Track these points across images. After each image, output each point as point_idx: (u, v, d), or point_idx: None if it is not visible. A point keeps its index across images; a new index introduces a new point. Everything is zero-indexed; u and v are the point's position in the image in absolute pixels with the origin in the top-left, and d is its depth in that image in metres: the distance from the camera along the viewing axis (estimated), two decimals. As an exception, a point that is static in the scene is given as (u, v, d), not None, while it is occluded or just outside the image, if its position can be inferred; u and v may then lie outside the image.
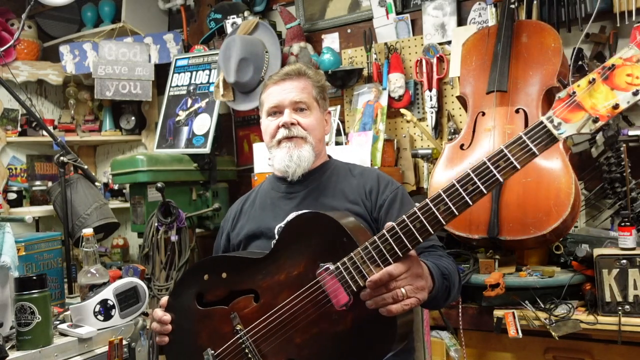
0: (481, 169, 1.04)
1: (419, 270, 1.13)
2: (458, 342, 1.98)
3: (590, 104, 1.00)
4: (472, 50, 2.19)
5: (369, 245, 1.12)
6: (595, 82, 1.00)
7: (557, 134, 1.01)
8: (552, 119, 1.02)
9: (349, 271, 1.14)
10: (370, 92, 2.67)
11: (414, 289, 1.11)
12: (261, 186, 1.71)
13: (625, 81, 0.98)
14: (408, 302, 1.09)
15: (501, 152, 1.03)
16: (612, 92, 0.99)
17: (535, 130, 1.02)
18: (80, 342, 1.69)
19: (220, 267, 1.37)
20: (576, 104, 1.01)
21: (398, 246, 1.09)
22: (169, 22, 3.52)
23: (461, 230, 1.96)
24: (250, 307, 1.29)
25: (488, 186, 1.03)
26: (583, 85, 1.01)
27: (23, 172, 3.33)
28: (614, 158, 2.04)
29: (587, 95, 1.00)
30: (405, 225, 1.09)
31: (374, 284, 1.08)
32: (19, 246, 1.90)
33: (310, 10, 2.97)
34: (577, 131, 1.00)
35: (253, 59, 2.68)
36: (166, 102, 3.09)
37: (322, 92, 1.62)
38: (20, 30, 2.81)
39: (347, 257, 1.14)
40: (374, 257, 1.11)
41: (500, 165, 1.03)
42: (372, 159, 2.45)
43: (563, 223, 1.80)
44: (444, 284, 1.28)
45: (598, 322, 1.71)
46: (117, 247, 3.32)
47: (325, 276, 1.17)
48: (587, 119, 1.00)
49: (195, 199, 2.90)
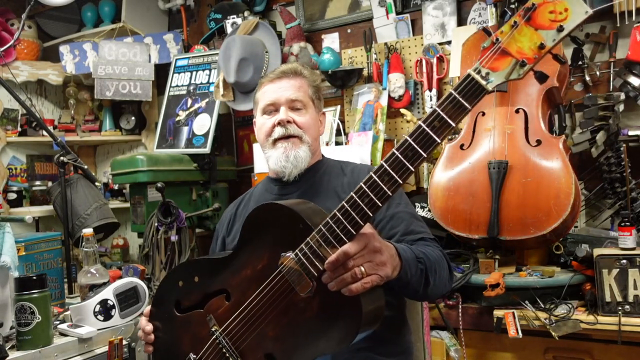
0: (418, 133, 1.02)
1: (377, 245, 1.08)
2: (458, 342, 1.98)
3: (516, 49, 0.96)
4: (472, 50, 2.19)
5: (322, 227, 1.09)
6: (518, 25, 0.96)
7: (485, 84, 0.97)
8: (479, 69, 0.98)
9: (307, 256, 1.12)
10: (370, 92, 2.67)
11: (374, 265, 1.07)
12: (255, 188, 1.70)
13: (548, 19, 0.94)
14: (368, 280, 1.06)
15: (434, 112, 1.00)
16: (537, 32, 0.95)
17: (463, 84, 0.99)
18: (80, 342, 1.69)
19: (192, 272, 1.37)
20: (501, 50, 0.97)
21: (350, 223, 1.06)
22: (169, 22, 3.52)
23: (461, 230, 1.96)
24: (223, 306, 1.29)
25: (426, 148, 1.01)
26: (506, 31, 0.97)
27: (23, 172, 3.33)
28: (614, 158, 2.04)
29: (511, 40, 0.96)
30: (353, 201, 1.06)
31: (331, 265, 1.06)
32: (19, 246, 1.90)
33: (310, 10, 2.97)
34: (506, 78, 0.97)
35: (253, 59, 2.68)
36: (166, 102, 3.09)
37: (317, 92, 1.62)
38: (20, 30, 2.81)
39: (304, 242, 1.12)
40: (328, 238, 1.08)
41: (435, 125, 1.00)
42: (372, 159, 2.45)
43: (563, 223, 1.80)
44: (418, 267, 1.23)
45: (598, 322, 1.71)
46: (117, 247, 3.31)
47: (287, 264, 1.15)
48: (514, 64, 0.96)
49: (195, 199, 2.90)
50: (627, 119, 2.19)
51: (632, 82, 2.09)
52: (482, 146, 2.01)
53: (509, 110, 2.01)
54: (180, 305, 1.38)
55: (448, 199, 2.00)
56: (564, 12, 0.93)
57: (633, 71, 2.09)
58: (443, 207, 2.01)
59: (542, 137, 1.94)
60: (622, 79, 2.12)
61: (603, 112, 2.10)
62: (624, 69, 2.13)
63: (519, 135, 1.96)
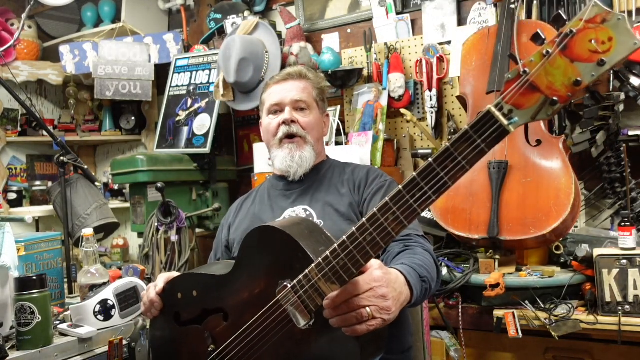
0: (428, 172, 0.91)
1: (384, 291, 1.02)
2: (458, 342, 1.98)
3: (547, 83, 0.81)
4: (472, 50, 2.19)
5: (322, 261, 1.02)
6: (551, 55, 0.80)
7: (507, 125, 0.83)
8: (502, 105, 0.84)
9: (305, 290, 1.06)
10: (370, 92, 2.67)
11: (379, 310, 1.01)
12: (262, 185, 1.76)
13: (587, 49, 0.78)
14: (373, 323, 1.01)
15: (447, 150, 0.88)
16: (572, 65, 0.79)
17: (482, 122, 0.85)
18: (80, 342, 1.69)
19: (190, 286, 1.36)
20: (529, 84, 0.82)
21: (350, 262, 0.98)
22: (169, 22, 3.52)
23: (461, 230, 1.96)
24: (221, 326, 1.27)
25: (436, 191, 0.90)
26: (536, 61, 0.82)
27: (23, 172, 3.33)
28: (614, 158, 2.05)
29: (542, 72, 0.81)
30: (355, 239, 0.98)
31: (332, 303, 1.01)
32: (19, 246, 1.89)
33: (310, 10, 2.97)
34: (532, 118, 0.84)
35: (253, 59, 2.68)
36: (166, 102, 3.09)
37: (321, 94, 1.68)
38: (20, 30, 2.81)
39: (302, 274, 1.06)
40: (328, 274, 1.02)
41: (447, 166, 0.88)
42: (372, 159, 2.45)
43: (563, 223, 1.80)
44: (423, 287, 1.21)
45: (598, 322, 1.71)
46: (117, 247, 3.32)
47: (285, 295, 1.10)
48: (543, 102, 0.82)
49: (195, 199, 2.90)
50: (627, 119, 2.19)
51: (632, 82, 2.09)
52: (482, 146, 2.01)
53: (509, 110, 2.00)
54: (180, 317, 1.37)
55: (448, 199, 2.00)
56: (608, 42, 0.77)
57: (633, 71, 2.09)
58: (443, 207, 2.01)
59: (542, 137, 1.94)
60: (622, 79, 2.12)
61: (603, 112, 2.10)
62: (624, 69, 2.13)
63: (519, 135, 1.96)
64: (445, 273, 1.99)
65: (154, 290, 1.41)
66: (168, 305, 1.40)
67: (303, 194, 1.60)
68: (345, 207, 1.51)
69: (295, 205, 1.58)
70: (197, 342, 1.31)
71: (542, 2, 2.24)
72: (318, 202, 1.55)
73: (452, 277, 1.96)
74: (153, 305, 1.41)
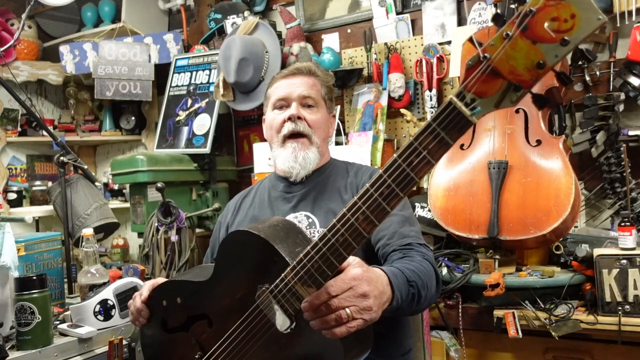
0: (393, 168, 0.88)
1: (365, 289, 0.98)
2: (458, 342, 1.98)
3: (509, 68, 0.76)
4: (472, 50, 2.18)
5: (296, 265, 1.00)
6: (511, 37, 0.75)
7: (469, 115, 0.79)
8: (464, 94, 0.80)
9: (283, 293, 1.04)
10: (370, 92, 2.67)
11: (359, 310, 0.97)
12: (261, 184, 1.70)
13: (550, 29, 0.72)
14: (354, 324, 0.97)
15: (411, 145, 0.86)
16: (535, 46, 0.74)
17: (444, 113, 0.82)
18: (80, 342, 1.69)
19: (173, 293, 1.34)
20: (490, 70, 0.77)
21: (325, 264, 0.96)
22: (169, 22, 3.52)
23: (461, 230, 1.96)
24: (206, 332, 1.26)
25: (403, 188, 0.88)
26: (497, 45, 0.77)
27: (23, 172, 3.33)
28: (614, 158, 2.05)
29: (503, 56, 0.76)
30: (327, 240, 0.96)
31: (309, 305, 0.98)
32: (19, 246, 1.89)
33: (310, 10, 2.97)
34: (496, 106, 0.79)
35: (253, 59, 2.68)
36: (166, 102, 3.09)
37: (329, 93, 1.61)
38: (20, 30, 2.81)
39: (279, 278, 1.04)
40: (303, 277, 0.99)
41: (413, 161, 0.86)
42: (372, 159, 2.45)
43: (563, 223, 1.80)
44: (410, 292, 1.17)
45: (598, 322, 1.71)
46: (117, 247, 3.32)
47: (264, 300, 1.09)
48: (506, 88, 0.77)
49: (195, 199, 2.90)
50: (627, 119, 2.19)
51: (632, 82, 2.09)
52: (482, 146, 2.01)
53: (509, 110, 2.00)
54: (166, 324, 1.37)
55: (448, 199, 2.00)
56: (570, 19, 0.72)
57: (633, 71, 2.09)
58: (443, 207, 2.01)
59: (542, 137, 1.94)
60: (622, 79, 2.12)
61: (603, 112, 2.10)
62: (624, 69, 2.13)
63: (519, 135, 1.96)
64: (445, 273, 1.99)
65: (139, 299, 1.39)
66: (155, 313, 1.39)
67: (304, 198, 1.54)
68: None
69: (297, 210, 1.52)
70: (184, 349, 1.30)
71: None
72: (321, 209, 1.49)
73: (452, 277, 1.96)
74: (140, 314, 1.39)
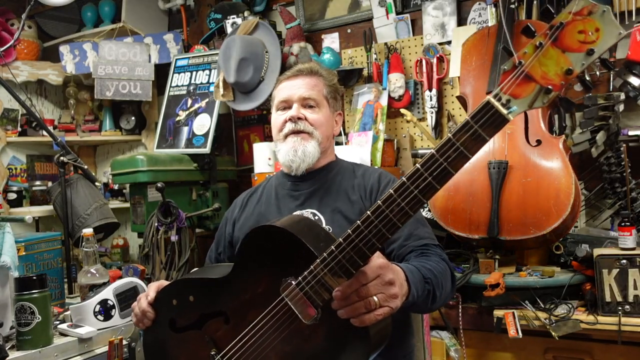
0: (431, 162, 0.94)
1: (391, 277, 1.04)
2: (458, 342, 1.98)
3: (541, 73, 0.87)
4: (472, 50, 2.19)
5: (327, 256, 1.04)
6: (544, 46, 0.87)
7: (506, 113, 0.89)
8: (500, 96, 0.90)
9: (311, 285, 1.07)
10: (370, 92, 2.67)
11: (386, 297, 1.03)
12: (268, 181, 1.71)
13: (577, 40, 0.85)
14: (381, 312, 1.01)
15: (449, 141, 0.93)
16: (564, 55, 0.86)
17: (482, 112, 0.90)
18: (80, 342, 1.69)
19: (186, 291, 1.33)
20: (525, 75, 0.89)
21: (357, 255, 1.00)
22: (169, 22, 3.52)
23: (461, 230, 1.96)
24: (222, 329, 1.25)
25: (440, 180, 0.94)
26: (530, 53, 0.89)
27: (23, 172, 3.33)
28: (614, 158, 2.04)
29: (535, 63, 0.88)
30: (360, 231, 1.00)
31: (342, 293, 1.02)
32: (19, 246, 1.90)
33: (310, 10, 2.97)
34: (529, 106, 0.89)
35: (253, 59, 2.68)
36: (166, 102, 3.09)
37: (333, 92, 1.64)
38: (20, 30, 2.81)
39: (307, 270, 1.07)
40: (334, 268, 1.03)
41: (450, 156, 0.93)
42: (372, 159, 2.45)
43: (563, 223, 1.80)
44: (425, 288, 1.20)
45: (598, 322, 1.71)
46: (117, 247, 3.32)
47: (290, 292, 1.11)
48: (538, 91, 0.88)
49: (195, 199, 2.90)
50: (627, 119, 2.19)
51: (632, 82, 2.09)
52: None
53: (509, 110, 2.00)
54: (175, 324, 1.35)
55: (448, 199, 2.00)
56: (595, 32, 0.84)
57: (633, 71, 2.09)
58: (443, 207, 2.01)
59: (542, 137, 1.94)
60: (622, 79, 2.12)
61: (603, 112, 2.10)
62: (624, 69, 2.13)
63: (519, 135, 1.96)
64: (445, 273, 1.99)
65: (146, 301, 1.38)
66: (162, 314, 1.38)
67: (311, 196, 1.56)
68: (355, 214, 1.47)
69: (304, 208, 1.54)
70: (196, 348, 1.29)
71: (542, 2, 2.24)
72: (327, 207, 1.52)
73: (452, 277, 1.96)
74: (145, 316, 1.37)
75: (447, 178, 0.94)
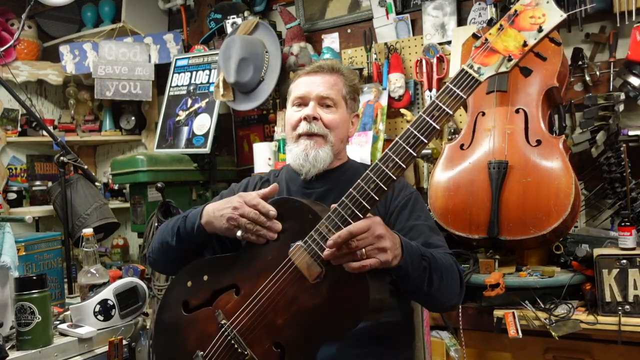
0: (419, 122, 1.15)
1: (381, 231, 1.13)
2: (458, 342, 1.98)
3: (503, 47, 1.14)
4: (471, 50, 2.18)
5: (331, 214, 1.17)
6: (504, 28, 1.14)
7: (478, 77, 1.14)
8: (472, 65, 1.16)
9: (316, 242, 1.17)
10: (370, 92, 2.67)
11: (374, 249, 1.12)
12: (279, 174, 1.64)
13: (529, 22, 1.12)
14: (367, 262, 1.11)
15: (433, 103, 1.15)
16: (520, 33, 1.13)
17: (459, 77, 1.16)
18: (80, 342, 1.69)
19: (200, 271, 1.37)
20: (490, 48, 1.15)
21: (357, 208, 1.15)
22: (169, 22, 3.52)
23: (461, 230, 1.96)
24: (233, 301, 1.30)
25: (427, 135, 1.14)
26: (494, 33, 1.16)
27: (23, 172, 3.33)
28: (614, 158, 2.04)
29: (498, 40, 1.15)
30: (360, 187, 1.16)
31: (334, 243, 1.11)
32: (19, 246, 1.90)
33: (310, 10, 2.97)
34: (496, 71, 1.14)
35: (253, 59, 2.68)
36: (166, 102, 3.09)
37: (353, 92, 1.56)
38: (20, 30, 2.81)
39: (313, 229, 1.18)
40: (337, 223, 1.15)
41: (434, 114, 1.14)
42: (372, 159, 2.45)
43: (563, 223, 1.80)
44: (422, 265, 1.23)
45: (598, 322, 1.71)
46: (117, 247, 3.32)
47: (295, 252, 1.21)
48: (502, 60, 1.14)
49: (195, 199, 2.90)
50: (627, 119, 2.19)
51: (632, 82, 2.09)
52: (482, 146, 2.01)
53: (509, 111, 2.00)
54: (189, 305, 1.38)
55: (448, 199, 2.00)
56: (542, 16, 1.12)
57: (633, 71, 2.09)
58: (443, 207, 2.01)
59: (542, 137, 1.93)
60: (622, 79, 2.12)
61: (603, 112, 2.10)
62: (624, 69, 2.13)
63: (519, 135, 1.96)
64: (445, 273, 1.99)
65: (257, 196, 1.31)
66: (175, 296, 1.40)
67: (324, 198, 1.48)
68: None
69: None
70: (207, 323, 1.33)
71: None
72: None
73: (452, 277, 1.96)
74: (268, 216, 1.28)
75: (433, 133, 1.14)
